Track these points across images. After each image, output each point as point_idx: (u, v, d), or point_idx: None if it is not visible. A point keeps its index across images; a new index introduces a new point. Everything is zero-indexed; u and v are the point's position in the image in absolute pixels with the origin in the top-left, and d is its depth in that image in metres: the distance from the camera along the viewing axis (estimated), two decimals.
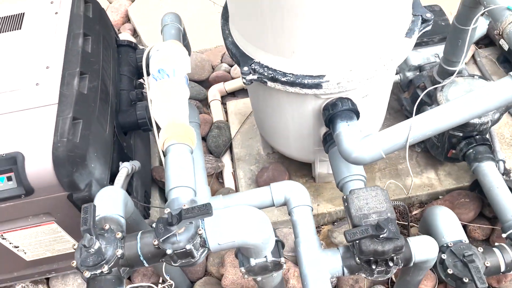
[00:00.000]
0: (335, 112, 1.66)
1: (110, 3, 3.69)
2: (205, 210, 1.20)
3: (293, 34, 1.48)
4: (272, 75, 1.62)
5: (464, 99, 1.48)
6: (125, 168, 1.71)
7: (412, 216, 2.29)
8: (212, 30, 3.31)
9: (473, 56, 2.81)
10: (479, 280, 1.51)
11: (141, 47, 2.64)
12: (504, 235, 1.77)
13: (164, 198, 2.45)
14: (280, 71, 1.61)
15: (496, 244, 1.70)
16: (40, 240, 1.75)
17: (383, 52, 1.60)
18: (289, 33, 1.48)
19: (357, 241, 1.42)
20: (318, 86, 1.59)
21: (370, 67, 1.59)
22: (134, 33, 3.48)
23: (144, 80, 2.30)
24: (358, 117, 1.69)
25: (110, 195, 1.46)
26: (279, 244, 1.47)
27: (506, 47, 2.60)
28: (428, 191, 2.28)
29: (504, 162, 2.12)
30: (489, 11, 1.57)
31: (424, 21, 1.71)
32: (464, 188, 2.26)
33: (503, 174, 2.00)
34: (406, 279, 1.77)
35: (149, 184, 2.28)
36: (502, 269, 1.63)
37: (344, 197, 1.56)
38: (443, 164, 2.34)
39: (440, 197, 2.29)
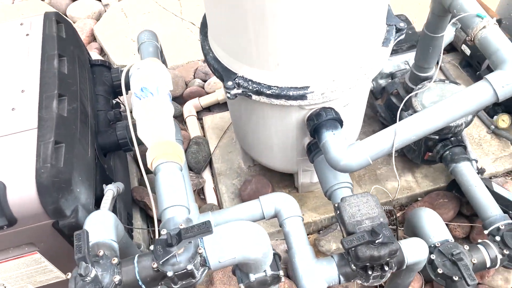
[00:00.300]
0: (320, 122, 1.69)
1: (74, 22, 3.61)
2: (205, 228, 1.18)
3: (277, 47, 1.49)
4: (257, 88, 1.63)
5: (445, 103, 1.54)
6: (110, 190, 1.66)
7: (395, 220, 2.33)
8: (183, 46, 3.31)
9: (437, 62, 2.93)
10: (469, 277, 1.56)
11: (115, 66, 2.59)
12: (486, 232, 1.83)
13: (145, 219, 2.39)
14: (265, 84, 1.62)
15: (480, 241, 1.77)
16: (21, 272, 1.65)
17: (363, 61, 1.64)
18: (273, 46, 1.50)
19: (353, 248, 1.44)
20: (303, 97, 1.61)
21: (352, 76, 1.63)
22: (101, 52, 3.42)
23: (120, 100, 2.26)
24: (341, 125, 1.72)
25: (99, 219, 1.41)
26: (276, 257, 1.46)
27: (468, 52, 2.74)
28: (407, 193, 2.35)
29: (476, 161, 2.21)
30: (459, 19, 1.65)
31: (398, 30, 1.77)
32: (441, 189, 2.34)
33: (477, 173, 2.08)
34: (397, 282, 1.80)
35: (130, 206, 2.22)
36: (488, 264, 1.69)
37: (336, 205, 1.57)
38: (420, 167, 2.41)
39: (419, 199, 2.35)
